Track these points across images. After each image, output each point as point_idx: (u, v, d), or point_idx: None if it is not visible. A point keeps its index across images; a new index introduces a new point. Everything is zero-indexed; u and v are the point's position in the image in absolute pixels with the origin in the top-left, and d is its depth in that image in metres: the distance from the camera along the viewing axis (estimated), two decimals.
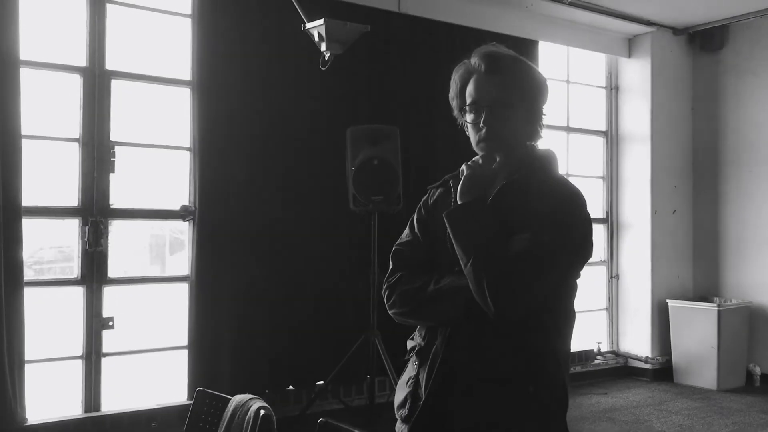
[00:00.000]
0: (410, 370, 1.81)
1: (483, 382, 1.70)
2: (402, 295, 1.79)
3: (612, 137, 6.53)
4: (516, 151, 1.80)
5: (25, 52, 3.71)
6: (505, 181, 1.77)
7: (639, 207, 6.29)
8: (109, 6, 4.07)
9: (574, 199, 1.75)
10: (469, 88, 1.80)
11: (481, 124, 1.77)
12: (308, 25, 3.75)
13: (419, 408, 1.73)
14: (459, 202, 1.74)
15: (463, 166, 1.80)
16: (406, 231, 1.91)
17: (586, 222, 1.76)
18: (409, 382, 1.79)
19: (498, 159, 1.80)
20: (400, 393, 1.81)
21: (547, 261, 1.65)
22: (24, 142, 3.67)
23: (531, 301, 1.64)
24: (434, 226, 1.82)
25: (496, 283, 1.61)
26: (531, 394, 1.69)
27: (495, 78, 1.77)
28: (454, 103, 1.86)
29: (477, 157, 1.82)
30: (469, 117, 1.80)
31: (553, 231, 1.66)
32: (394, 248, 1.90)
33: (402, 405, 1.79)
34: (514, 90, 1.77)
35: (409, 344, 1.86)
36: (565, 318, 1.79)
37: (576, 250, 1.72)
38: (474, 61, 1.80)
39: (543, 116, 1.84)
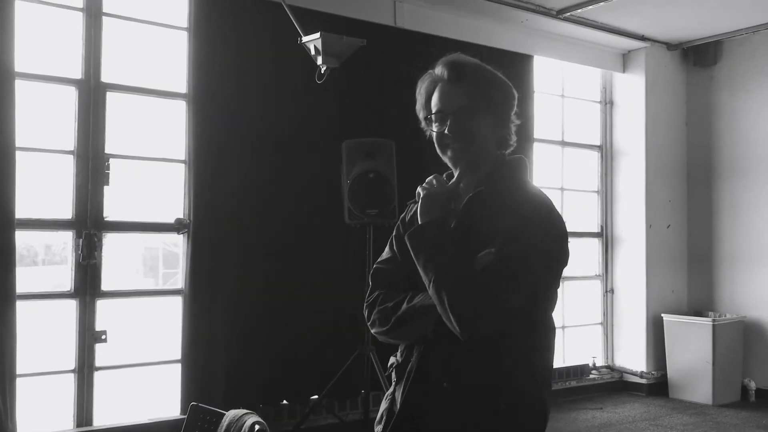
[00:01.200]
0: (391, 387, 1.81)
1: (454, 399, 1.67)
2: (379, 314, 1.79)
3: (606, 151, 6.55)
4: (484, 159, 1.78)
5: (20, 64, 3.70)
6: (472, 193, 1.75)
7: (633, 221, 6.30)
8: (105, 18, 4.07)
9: (541, 209, 1.71)
10: (434, 98, 1.78)
11: (446, 132, 1.76)
12: (304, 39, 3.76)
13: (392, 423, 1.73)
14: (419, 223, 1.73)
15: (419, 188, 1.79)
16: (386, 249, 1.91)
17: (556, 232, 1.71)
18: (387, 398, 1.80)
19: (457, 173, 1.79)
20: (381, 408, 1.82)
21: (512, 275, 1.61)
22: (18, 154, 3.65)
23: (497, 318, 1.60)
24: None
25: (458, 303, 1.59)
26: (503, 410, 1.66)
27: (459, 86, 1.75)
28: (420, 115, 1.84)
29: (431, 177, 1.81)
30: (434, 126, 1.78)
31: (519, 244, 1.62)
32: (374, 267, 1.90)
33: (379, 421, 1.79)
34: (479, 97, 1.74)
35: (390, 360, 1.86)
36: (542, 332, 1.75)
37: (545, 262, 1.67)
38: (438, 70, 1.79)
39: (512, 124, 1.81)
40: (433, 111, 1.78)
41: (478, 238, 1.67)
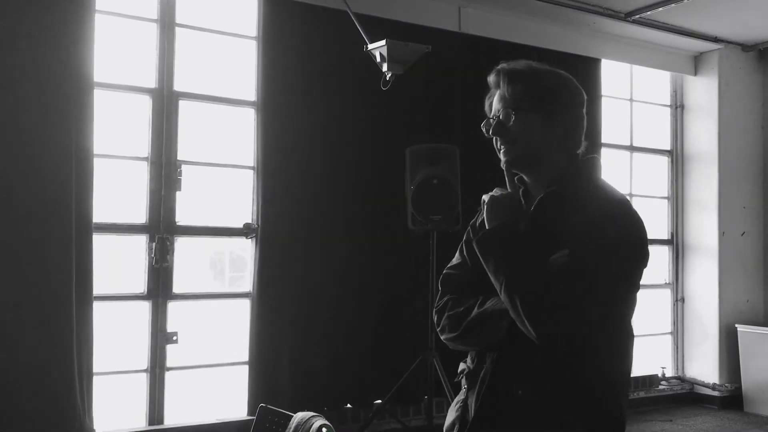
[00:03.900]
0: (461, 394, 1.79)
1: (529, 407, 1.64)
2: (449, 321, 1.77)
3: (677, 157, 6.37)
4: (543, 161, 1.74)
5: (98, 74, 3.85)
6: (542, 194, 1.72)
7: (706, 228, 6.11)
8: (177, 29, 4.21)
9: (616, 208, 1.66)
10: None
11: (491, 134, 1.75)
12: (370, 47, 3.79)
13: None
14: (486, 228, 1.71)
15: (484, 196, 1.77)
16: (456, 254, 1.89)
17: (631, 233, 1.65)
18: (458, 406, 1.77)
19: (524, 178, 1.77)
20: (450, 416, 1.79)
21: (588, 279, 1.56)
22: (96, 161, 3.80)
23: (573, 323, 1.57)
24: None
25: (531, 307, 1.56)
26: (579, 418, 1.62)
27: (504, 89, 1.74)
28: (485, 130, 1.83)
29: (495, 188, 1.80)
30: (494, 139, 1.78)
31: (594, 245, 1.58)
32: (443, 273, 1.88)
33: (450, 428, 1.77)
34: (524, 97, 1.71)
35: (461, 366, 1.83)
36: (619, 337, 1.71)
37: (620, 265, 1.61)
38: (490, 79, 1.79)
39: (572, 119, 1.75)
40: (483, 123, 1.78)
41: (550, 239, 1.63)
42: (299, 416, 2.19)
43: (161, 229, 4.10)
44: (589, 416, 1.63)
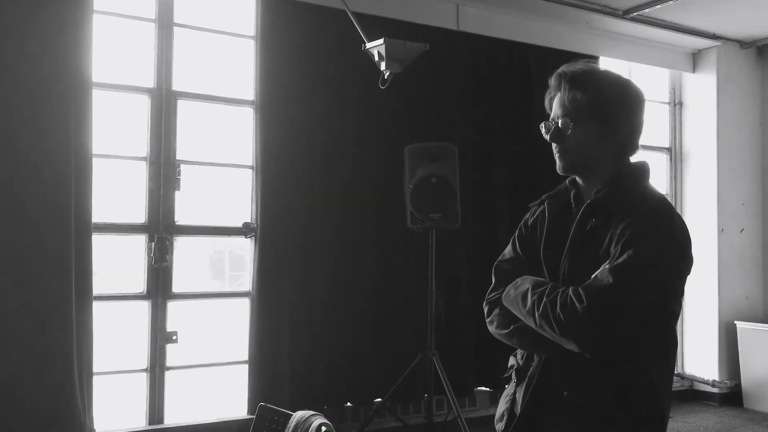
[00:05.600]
0: (510, 387, 1.85)
1: (573, 408, 1.68)
2: (500, 317, 1.82)
3: (675, 154, 6.38)
4: (596, 166, 1.76)
5: (97, 74, 3.85)
6: (590, 199, 1.75)
7: (704, 225, 6.11)
8: (176, 29, 4.20)
9: (660, 218, 1.68)
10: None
11: (548, 139, 1.78)
12: (368, 45, 3.79)
13: (513, 424, 1.78)
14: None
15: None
16: (509, 248, 1.93)
17: (676, 241, 1.67)
18: (507, 399, 1.84)
19: (577, 180, 1.82)
20: (500, 407, 1.86)
21: (630, 293, 1.58)
22: (95, 161, 3.79)
23: (617, 335, 1.60)
24: (534, 244, 1.84)
25: (569, 332, 1.59)
26: (621, 421, 1.66)
27: (563, 94, 1.76)
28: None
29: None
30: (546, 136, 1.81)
31: (637, 259, 1.59)
32: (496, 264, 1.91)
33: (500, 419, 1.84)
34: (582, 103, 1.73)
35: (510, 361, 1.89)
36: (663, 343, 1.73)
37: (665, 275, 1.64)
38: (551, 80, 1.81)
39: (630, 127, 1.77)
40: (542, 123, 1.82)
41: (595, 246, 1.67)
42: (299, 415, 2.20)
43: (160, 229, 4.10)
44: (629, 419, 1.67)
